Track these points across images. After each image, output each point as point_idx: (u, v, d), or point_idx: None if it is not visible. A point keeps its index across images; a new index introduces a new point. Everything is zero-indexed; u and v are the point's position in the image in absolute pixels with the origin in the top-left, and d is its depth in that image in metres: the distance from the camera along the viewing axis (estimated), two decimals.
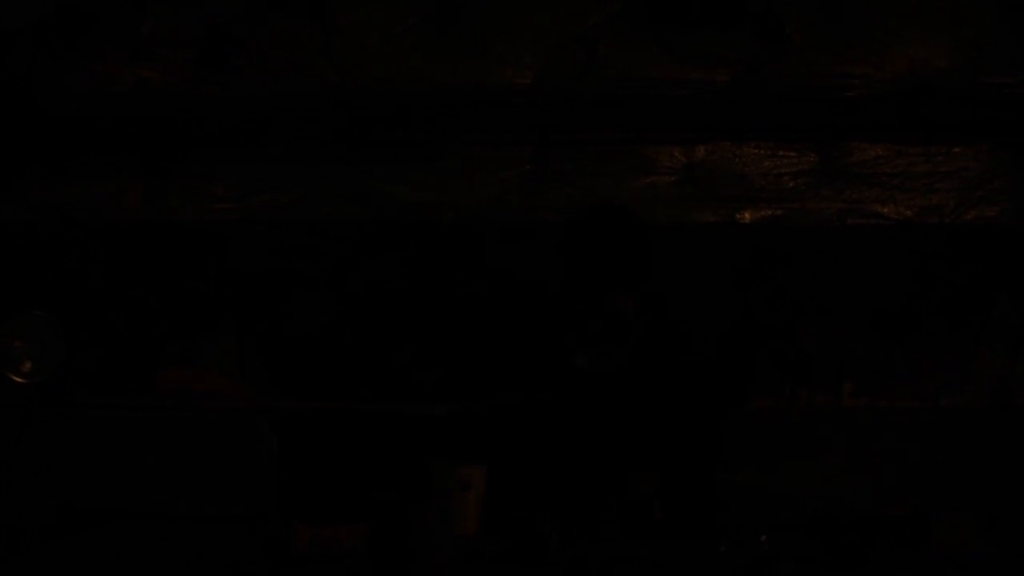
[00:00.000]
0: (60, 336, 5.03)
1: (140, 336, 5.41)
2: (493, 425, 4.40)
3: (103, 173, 5.47)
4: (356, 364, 5.33)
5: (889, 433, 5.33)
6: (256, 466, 4.61)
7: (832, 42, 5.16)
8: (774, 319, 5.24)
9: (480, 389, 4.92)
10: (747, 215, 5.46)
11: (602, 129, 5.39)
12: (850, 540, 3.70)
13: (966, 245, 5.39)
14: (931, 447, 5.29)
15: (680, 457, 4.40)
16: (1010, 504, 4.82)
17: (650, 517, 4.15)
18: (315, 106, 5.27)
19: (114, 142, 5.43)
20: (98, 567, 3.65)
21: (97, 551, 3.86)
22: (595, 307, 4.49)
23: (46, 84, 5.26)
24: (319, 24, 5.21)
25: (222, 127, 5.34)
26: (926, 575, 3.56)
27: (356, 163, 5.46)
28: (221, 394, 5.17)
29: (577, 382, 4.49)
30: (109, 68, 5.26)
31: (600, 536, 3.92)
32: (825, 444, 5.13)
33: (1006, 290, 5.40)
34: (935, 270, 5.39)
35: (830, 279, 5.40)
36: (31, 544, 4.00)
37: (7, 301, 5.10)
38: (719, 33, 5.17)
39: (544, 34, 5.20)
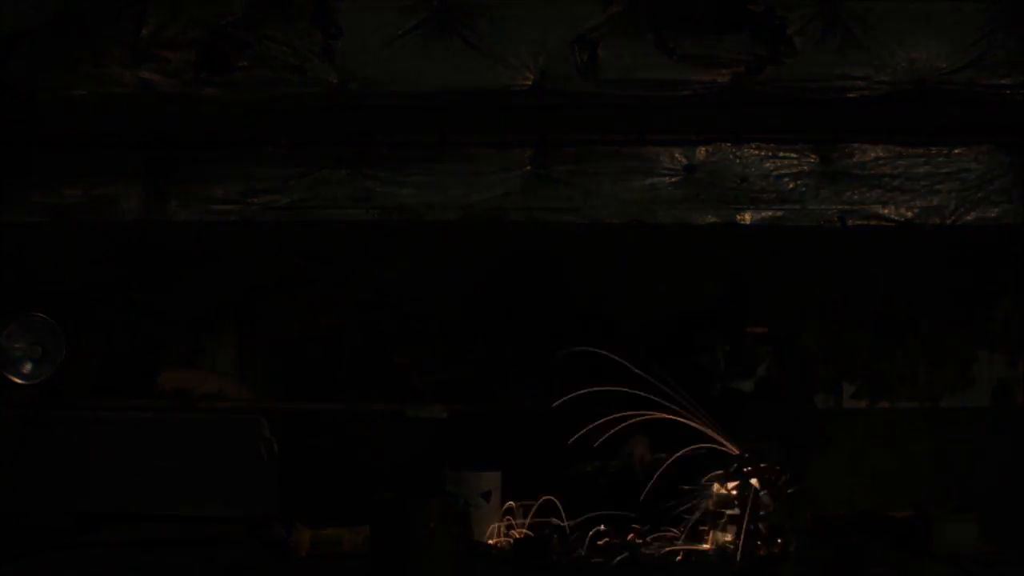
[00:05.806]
0: (61, 337, 5.03)
1: (141, 337, 5.41)
2: None
3: (104, 175, 5.48)
4: (357, 366, 5.32)
5: (889, 434, 5.34)
6: (257, 467, 4.61)
7: (833, 44, 5.17)
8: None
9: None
10: (748, 216, 5.47)
11: (603, 130, 5.40)
12: (850, 540, 3.70)
13: (967, 246, 5.39)
14: (931, 448, 5.30)
15: None
16: (1010, 504, 4.82)
17: None
18: (316, 108, 5.28)
19: (115, 144, 5.43)
20: (100, 568, 3.65)
21: (99, 552, 3.86)
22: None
23: (48, 86, 5.27)
24: (320, 26, 5.21)
25: (223, 129, 5.34)
26: (926, 575, 3.56)
27: (357, 165, 5.46)
28: (222, 395, 5.18)
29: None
30: (110, 71, 5.28)
31: None
32: (826, 444, 5.13)
33: (1007, 291, 5.40)
34: (936, 271, 5.39)
35: (831, 280, 5.40)
36: (34, 545, 3.99)
37: (7, 302, 5.10)
38: (720, 35, 5.18)
39: (545, 36, 5.20)
